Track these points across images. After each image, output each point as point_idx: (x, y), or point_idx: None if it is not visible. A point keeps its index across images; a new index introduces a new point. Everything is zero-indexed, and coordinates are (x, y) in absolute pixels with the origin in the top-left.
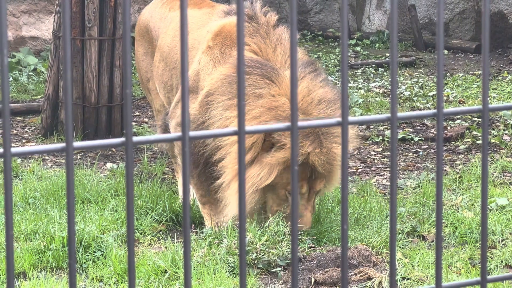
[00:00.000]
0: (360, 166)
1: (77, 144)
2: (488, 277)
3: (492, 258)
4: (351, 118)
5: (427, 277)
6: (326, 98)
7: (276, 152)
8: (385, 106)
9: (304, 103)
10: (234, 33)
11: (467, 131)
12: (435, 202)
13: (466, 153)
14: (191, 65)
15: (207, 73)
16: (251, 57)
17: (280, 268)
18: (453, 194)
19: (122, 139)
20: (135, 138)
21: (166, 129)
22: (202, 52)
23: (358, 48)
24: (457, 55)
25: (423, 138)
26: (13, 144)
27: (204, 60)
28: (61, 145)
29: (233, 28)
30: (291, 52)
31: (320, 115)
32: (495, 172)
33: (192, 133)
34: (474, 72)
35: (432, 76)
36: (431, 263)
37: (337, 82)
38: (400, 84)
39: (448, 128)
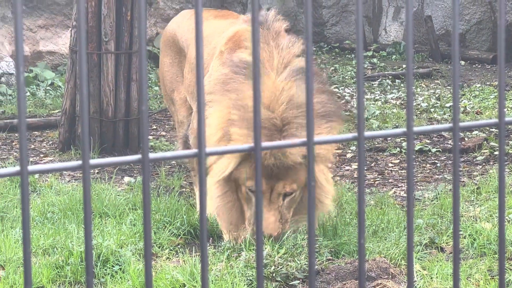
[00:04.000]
0: (378, 178)
1: (93, 161)
2: None
3: (511, 270)
4: (367, 133)
5: None
6: (296, 101)
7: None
8: (402, 118)
9: (272, 100)
10: (243, 38)
11: (485, 142)
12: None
13: (484, 164)
14: (207, 71)
15: None
16: (242, 58)
17: (298, 281)
18: (471, 205)
19: (139, 156)
20: (152, 155)
21: (186, 141)
22: (215, 57)
23: (375, 60)
24: (474, 65)
25: (440, 149)
26: (30, 159)
27: (216, 64)
28: (78, 162)
29: (244, 34)
30: (307, 64)
31: (283, 114)
32: None
33: (208, 150)
34: (491, 83)
35: (449, 87)
36: (450, 275)
37: (354, 94)
38: (417, 95)
39: (466, 139)
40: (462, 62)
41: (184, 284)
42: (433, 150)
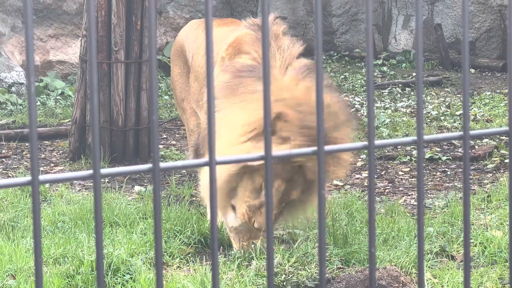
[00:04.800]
0: (388, 186)
1: (104, 171)
2: None
3: None
4: (377, 142)
5: None
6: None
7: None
8: (412, 126)
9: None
10: (243, 42)
11: (495, 150)
12: (463, 221)
13: (494, 172)
14: None
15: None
16: (243, 63)
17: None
18: (481, 213)
19: (150, 165)
20: (162, 165)
21: (198, 150)
22: (217, 64)
23: (385, 68)
24: (484, 73)
25: (450, 157)
26: (41, 168)
27: (217, 71)
28: (89, 172)
29: (244, 38)
30: (317, 74)
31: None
32: None
33: (218, 158)
34: (502, 91)
35: (459, 95)
36: (461, 283)
37: (364, 103)
38: (427, 103)
39: (476, 147)
40: (472, 70)
41: None
42: (443, 158)
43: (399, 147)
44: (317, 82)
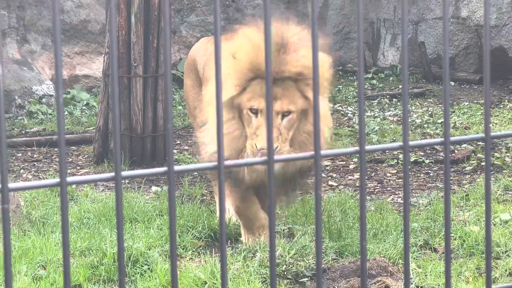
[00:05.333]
0: (377, 186)
1: (125, 173)
2: (493, 286)
3: (497, 268)
4: (368, 147)
5: (438, 285)
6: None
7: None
8: (399, 132)
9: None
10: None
11: (473, 154)
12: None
13: (472, 173)
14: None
15: None
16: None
17: (307, 279)
18: (460, 210)
19: (165, 168)
20: (176, 167)
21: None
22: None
23: (374, 81)
24: (462, 86)
25: (433, 160)
26: (68, 171)
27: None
28: (111, 174)
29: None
30: (314, 86)
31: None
32: (498, 190)
33: (226, 162)
34: (478, 101)
35: (440, 105)
36: (442, 273)
37: (356, 112)
38: (412, 112)
39: (456, 151)
40: (452, 83)
41: (205, 281)
42: (427, 161)
43: (387, 151)
44: (314, 91)
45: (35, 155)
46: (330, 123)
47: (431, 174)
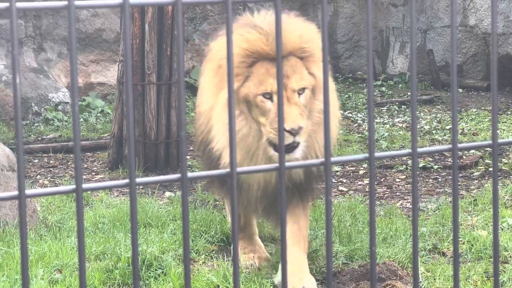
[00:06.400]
0: (387, 191)
1: (139, 180)
2: None
3: (504, 272)
4: (377, 154)
5: None
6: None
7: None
8: (407, 139)
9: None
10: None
11: (481, 159)
12: (453, 222)
13: (480, 179)
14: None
15: None
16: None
17: (317, 282)
18: (469, 215)
19: (178, 175)
20: (190, 174)
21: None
22: None
23: (383, 88)
24: (470, 93)
25: (441, 166)
26: (83, 176)
27: None
28: (126, 181)
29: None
30: (324, 94)
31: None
32: (506, 195)
33: (239, 169)
34: (486, 108)
35: (448, 112)
36: (451, 277)
37: (365, 119)
38: (420, 119)
39: (464, 157)
40: (460, 90)
41: (218, 285)
42: (435, 167)
43: (396, 158)
44: (324, 97)
45: (51, 161)
46: (337, 111)
47: (440, 180)
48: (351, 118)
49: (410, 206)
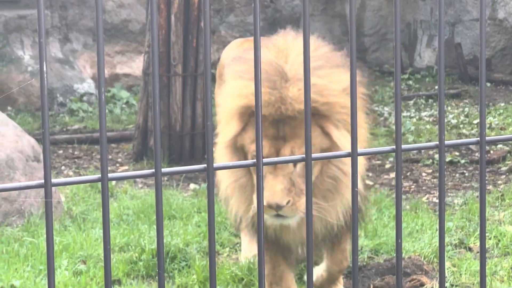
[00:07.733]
0: (413, 186)
1: (165, 170)
2: None
3: None
4: (404, 146)
5: (473, 284)
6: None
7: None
8: (434, 133)
9: (281, 52)
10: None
11: (508, 154)
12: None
13: (507, 173)
14: None
15: None
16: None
17: (343, 276)
18: (496, 210)
19: (204, 165)
20: (216, 164)
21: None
22: None
23: (411, 82)
24: (498, 87)
25: (468, 160)
26: (108, 168)
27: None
28: (151, 170)
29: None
30: (351, 86)
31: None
32: None
33: (266, 160)
34: None
35: (476, 106)
36: (477, 272)
37: (392, 112)
38: (447, 113)
39: (491, 152)
40: (488, 84)
41: (242, 278)
42: (462, 161)
43: (423, 151)
44: (351, 95)
45: (75, 152)
46: (360, 171)
47: (466, 174)
48: (378, 112)
49: (436, 201)
